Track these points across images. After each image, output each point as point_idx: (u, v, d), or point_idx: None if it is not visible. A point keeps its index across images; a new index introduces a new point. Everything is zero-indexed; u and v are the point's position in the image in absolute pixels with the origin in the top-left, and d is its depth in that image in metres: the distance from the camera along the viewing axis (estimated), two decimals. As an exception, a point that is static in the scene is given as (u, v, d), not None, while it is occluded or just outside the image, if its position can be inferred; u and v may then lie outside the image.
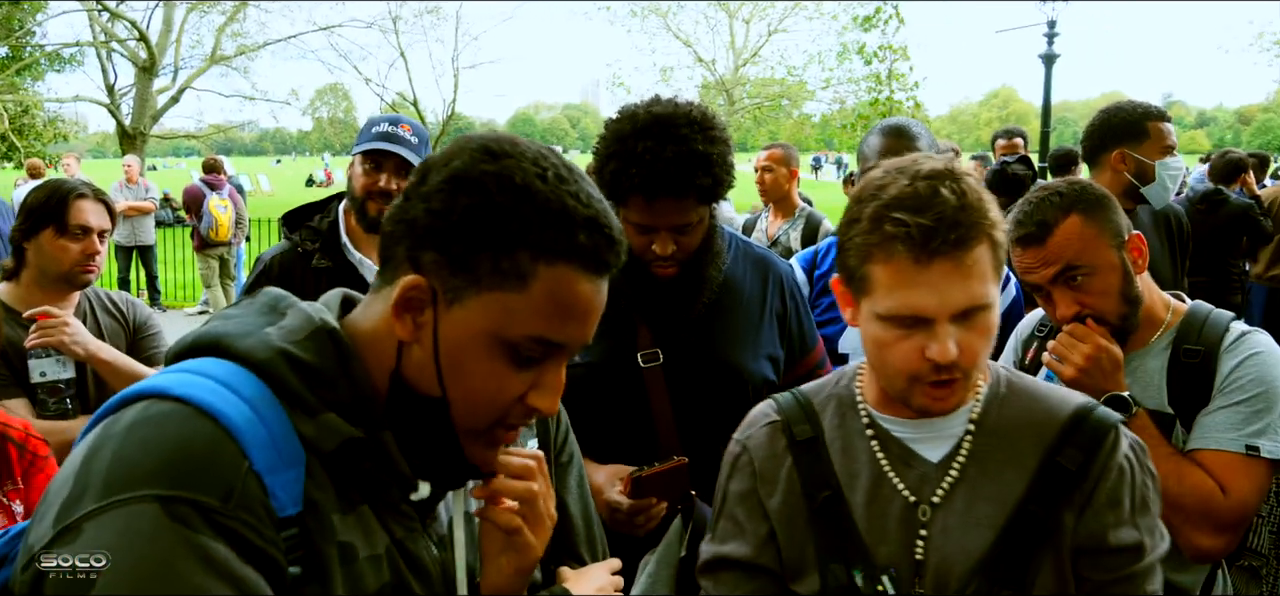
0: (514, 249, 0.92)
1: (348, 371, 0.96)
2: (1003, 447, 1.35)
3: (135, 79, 23.16)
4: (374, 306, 1.00)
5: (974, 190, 1.24)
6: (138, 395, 0.90)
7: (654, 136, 1.80)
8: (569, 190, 0.94)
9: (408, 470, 0.99)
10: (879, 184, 1.27)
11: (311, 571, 0.91)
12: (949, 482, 1.35)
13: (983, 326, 1.26)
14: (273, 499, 0.87)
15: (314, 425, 0.93)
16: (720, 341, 2.02)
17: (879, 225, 1.23)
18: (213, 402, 0.88)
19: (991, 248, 1.25)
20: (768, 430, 1.49)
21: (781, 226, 5.25)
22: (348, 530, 0.95)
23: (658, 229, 1.87)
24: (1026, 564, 1.29)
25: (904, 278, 1.23)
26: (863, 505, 1.38)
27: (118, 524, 0.80)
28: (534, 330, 0.94)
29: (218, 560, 0.82)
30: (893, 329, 1.27)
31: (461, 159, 0.94)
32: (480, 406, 0.97)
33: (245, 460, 0.86)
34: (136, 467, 0.83)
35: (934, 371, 1.26)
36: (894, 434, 1.40)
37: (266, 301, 1.02)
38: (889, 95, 20.60)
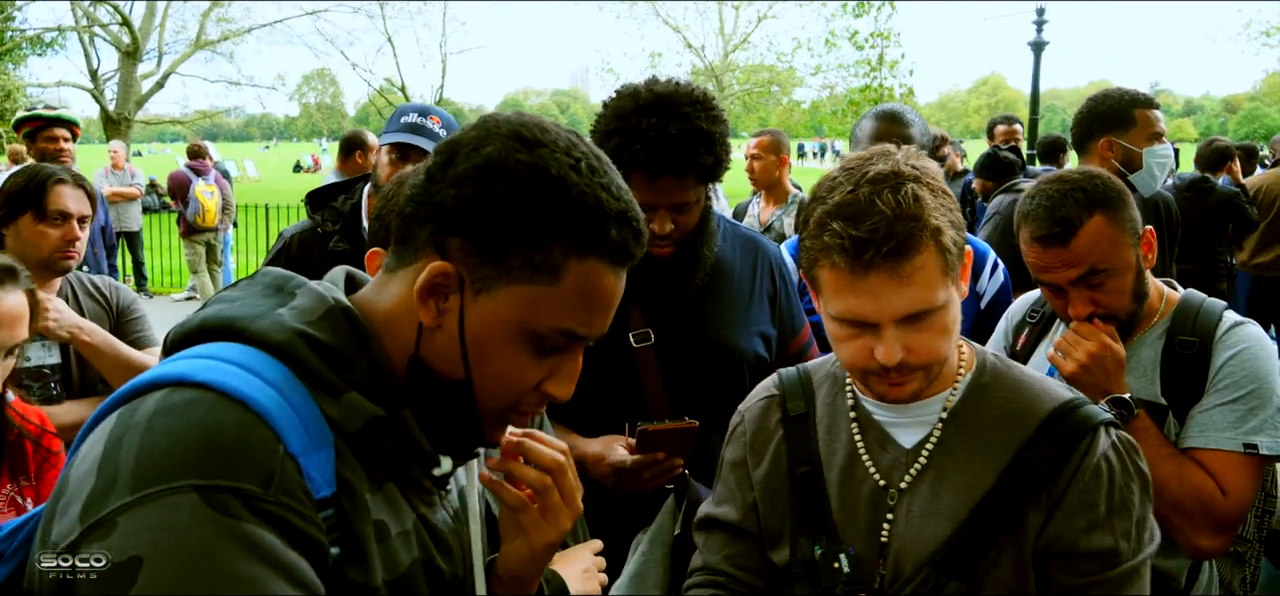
0: (548, 242, 0.91)
1: (366, 351, 0.95)
2: (976, 438, 1.35)
3: (119, 64, 22.93)
4: (390, 287, 0.98)
5: (914, 195, 1.21)
6: (155, 383, 0.87)
7: (658, 114, 1.80)
8: (602, 183, 0.94)
9: (429, 447, 0.99)
10: (828, 186, 1.28)
11: (349, 551, 0.90)
12: (917, 469, 1.36)
13: (936, 326, 1.26)
14: (309, 481, 0.86)
15: (338, 406, 0.92)
16: (712, 320, 2.03)
17: (821, 232, 1.24)
18: (239, 387, 0.86)
19: (938, 251, 1.23)
20: (764, 403, 1.55)
21: (774, 213, 5.25)
22: (379, 508, 0.95)
23: (657, 207, 1.87)
24: (981, 558, 1.29)
25: (844, 285, 1.24)
26: (837, 484, 1.41)
27: (153, 517, 0.77)
28: (561, 322, 0.94)
29: (265, 547, 0.80)
30: (843, 328, 1.29)
31: (494, 145, 0.92)
32: (498, 392, 0.97)
33: (280, 444, 0.85)
34: (168, 457, 0.80)
35: (883, 369, 1.27)
36: (875, 416, 1.42)
37: (271, 281, 1.00)
38: (880, 81, 20.59)
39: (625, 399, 1.98)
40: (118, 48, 22.76)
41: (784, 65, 26.72)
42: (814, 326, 2.44)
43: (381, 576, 0.93)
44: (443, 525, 1.05)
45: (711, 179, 1.90)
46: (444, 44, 28.64)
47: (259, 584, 0.79)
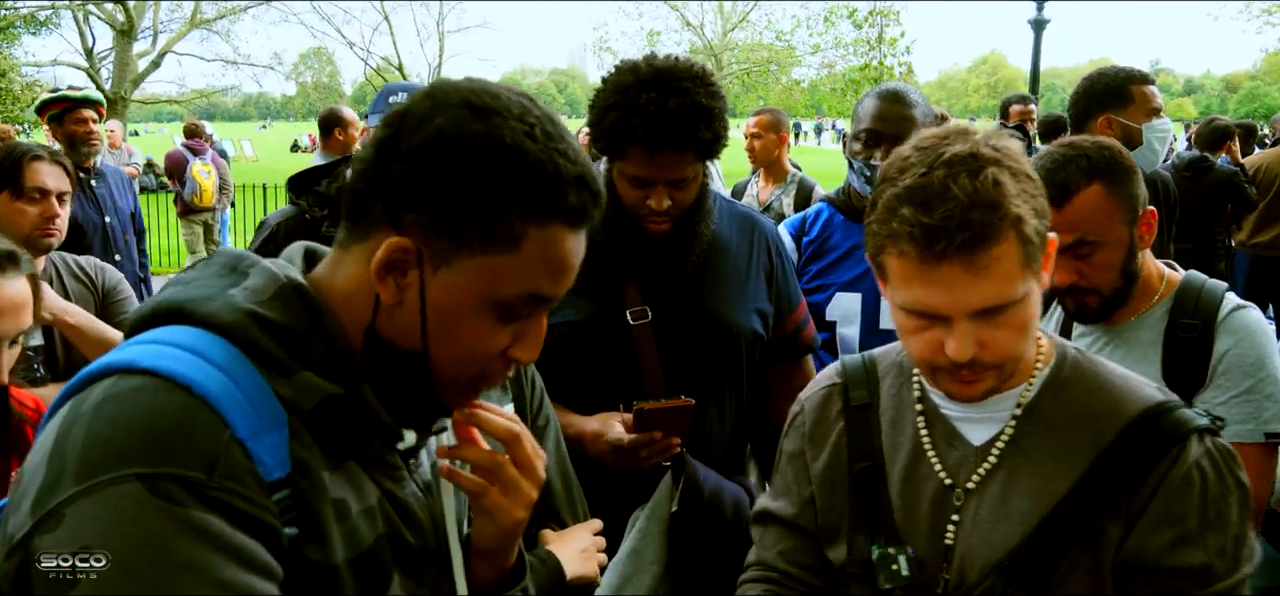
0: (506, 212, 0.90)
1: (320, 328, 0.94)
2: (1052, 438, 1.26)
3: (114, 43, 22.79)
4: (346, 264, 0.97)
5: (994, 180, 1.12)
6: (103, 371, 0.87)
7: (657, 88, 1.80)
8: (557, 148, 0.93)
9: (391, 420, 0.98)
10: (899, 166, 1.18)
11: (308, 531, 0.90)
12: (986, 469, 1.28)
13: (1014, 321, 1.17)
14: (259, 464, 0.85)
15: (291, 385, 0.91)
16: (708, 296, 2.03)
17: (890, 218, 1.16)
18: (183, 372, 0.85)
19: (1018, 241, 1.13)
20: (825, 392, 1.48)
21: (773, 192, 5.24)
22: (338, 486, 0.94)
23: (655, 182, 1.87)
24: (1052, 570, 1.20)
25: (913, 275, 1.15)
26: (899, 481, 1.34)
27: (99, 508, 0.78)
28: (526, 288, 0.94)
29: (212, 532, 0.80)
30: (912, 319, 1.21)
31: (445, 116, 0.90)
32: (464, 362, 0.96)
33: (226, 428, 0.84)
34: (112, 446, 0.80)
35: (954, 366, 1.19)
36: (942, 410, 1.34)
37: (225, 262, 0.99)
38: (880, 60, 20.51)
39: (622, 377, 1.98)
40: (112, 26, 22.61)
41: (783, 44, 26.60)
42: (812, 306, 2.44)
43: (342, 554, 0.93)
44: (412, 499, 1.04)
45: (710, 155, 1.89)
46: (441, 23, 28.48)
47: (209, 568, 0.79)
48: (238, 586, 0.81)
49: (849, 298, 2.41)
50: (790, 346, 2.20)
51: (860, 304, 2.40)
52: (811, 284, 2.47)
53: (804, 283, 2.47)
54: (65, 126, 4.61)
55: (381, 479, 1.01)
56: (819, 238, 2.51)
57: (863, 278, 2.42)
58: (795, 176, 5.27)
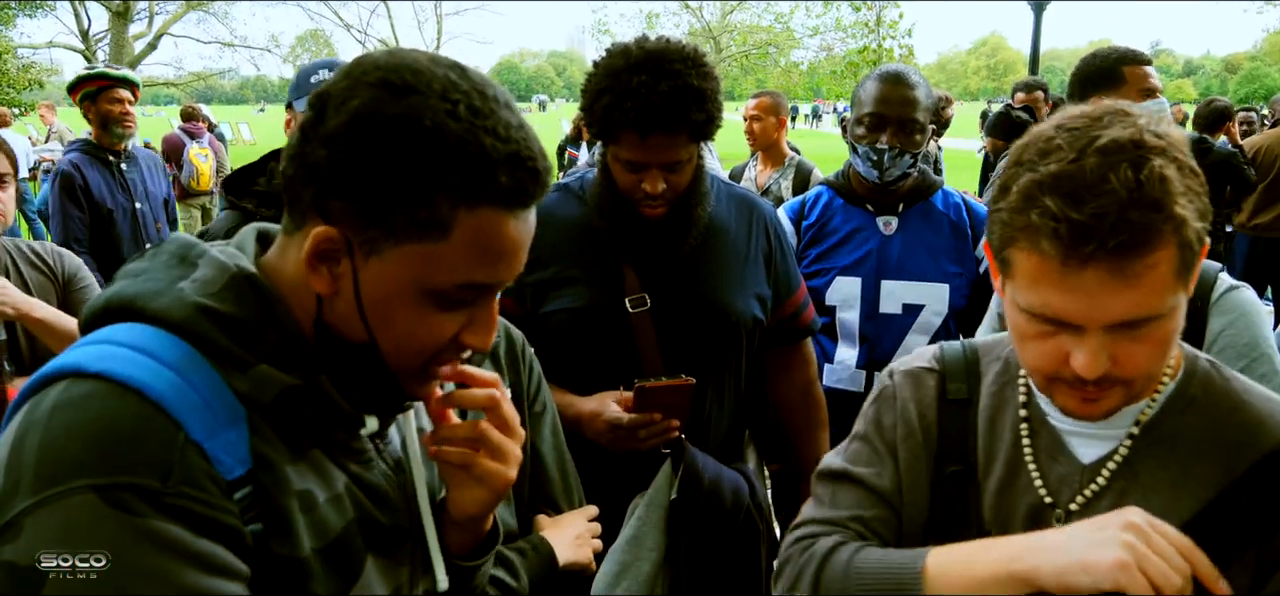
0: (431, 197, 0.85)
1: (273, 318, 0.91)
2: (1173, 462, 1.11)
3: (109, 24, 22.68)
4: (288, 253, 0.95)
5: (1161, 175, 0.95)
6: (56, 374, 0.85)
7: (648, 71, 1.79)
8: (485, 125, 0.87)
9: (350, 408, 0.97)
10: (1042, 147, 1.01)
11: (273, 526, 0.89)
12: (1093, 491, 1.13)
13: (1155, 336, 1.01)
14: (217, 464, 0.84)
15: (247, 379, 0.89)
16: (707, 282, 2.02)
17: (1028, 207, 0.99)
18: (133, 375, 0.83)
19: (1177, 249, 0.96)
20: (919, 375, 1.31)
21: (772, 176, 5.23)
22: (303, 477, 0.92)
23: (649, 166, 1.86)
24: None
25: (1048, 277, 0.99)
26: (993, 492, 1.20)
27: (56, 519, 0.76)
28: (460, 277, 0.89)
29: (171, 539, 0.79)
30: (1035, 324, 1.05)
31: (361, 96, 0.85)
32: (411, 351, 0.93)
33: (180, 431, 0.82)
34: (65, 456, 0.78)
35: (1078, 381, 1.04)
36: (1050, 419, 1.19)
37: (175, 251, 0.96)
38: (879, 42, 20.43)
39: (622, 364, 1.98)
40: (107, 7, 22.50)
41: (781, 27, 26.50)
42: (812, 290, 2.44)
43: (311, 545, 0.91)
44: (381, 480, 1.03)
45: (703, 137, 1.88)
46: (439, 4, 28.32)
47: (171, 575, 0.78)
48: (201, 591, 0.80)
49: (848, 282, 2.41)
50: (789, 330, 2.20)
51: (860, 288, 2.40)
52: (811, 268, 2.47)
53: (803, 267, 2.46)
54: (99, 106, 4.30)
55: (348, 464, 0.99)
56: (818, 221, 2.51)
57: (863, 262, 2.41)
58: (794, 159, 5.25)
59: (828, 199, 2.53)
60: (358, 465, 1.01)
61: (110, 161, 4.35)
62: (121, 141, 4.38)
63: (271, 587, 0.89)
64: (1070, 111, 1.05)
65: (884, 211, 2.44)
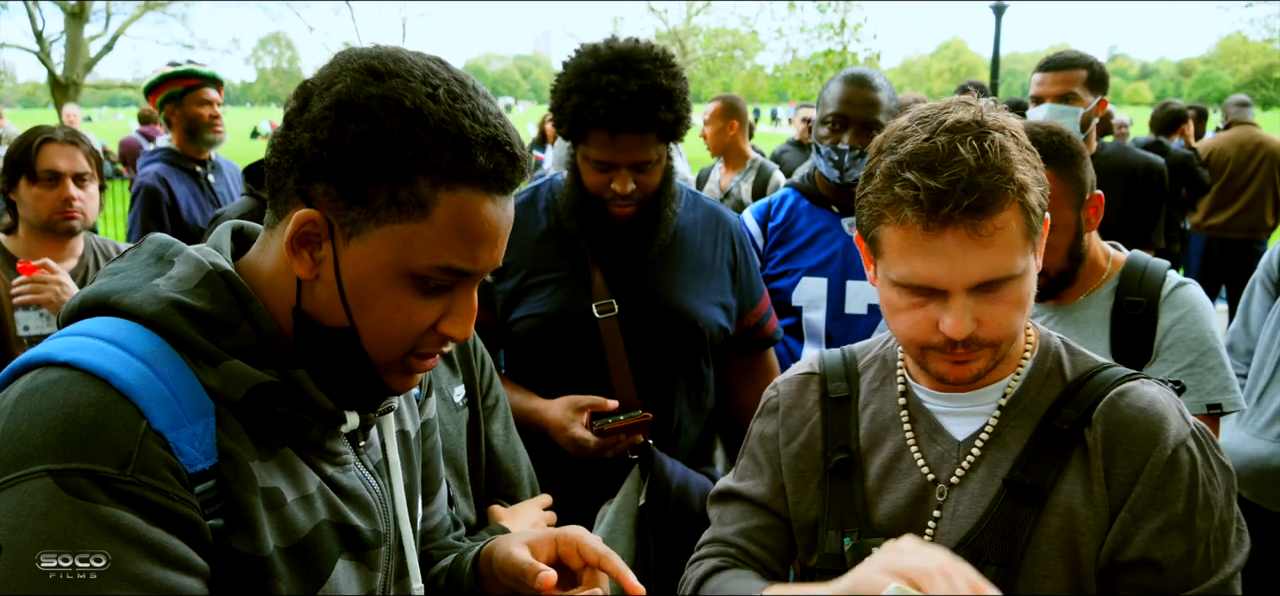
0: (411, 177, 0.87)
1: (248, 313, 0.92)
2: (1029, 426, 1.23)
3: (65, 25, 22.22)
4: (270, 244, 0.96)
5: (1001, 146, 1.09)
6: (26, 365, 0.87)
7: (617, 70, 1.81)
8: (464, 108, 0.89)
9: (330, 404, 0.96)
10: (898, 135, 1.14)
11: (235, 521, 0.89)
12: (968, 463, 1.24)
13: (1012, 297, 1.14)
14: (180, 456, 0.84)
15: (218, 375, 0.89)
16: (674, 289, 2.03)
17: (890, 184, 1.11)
18: (100, 364, 0.84)
19: (1022, 212, 1.11)
20: (802, 380, 1.43)
21: (733, 179, 5.25)
22: (270, 475, 0.92)
23: (618, 166, 1.87)
24: (1017, 538, 1.17)
25: (913, 245, 1.11)
26: (878, 476, 1.30)
27: (11, 502, 0.77)
28: (440, 259, 0.90)
29: (123, 527, 0.79)
30: (905, 296, 1.16)
31: (344, 82, 0.88)
32: (391, 337, 0.94)
33: (143, 420, 0.83)
34: (26, 442, 0.79)
35: (948, 344, 1.15)
36: (926, 405, 1.30)
37: (153, 250, 0.97)
38: (844, 45, 20.61)
39: (590, 369, 1.98)
40: (62, 8, 22.04)
41: (747, 29, 26.65)
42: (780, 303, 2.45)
43: (275, 543, 0.92)
44: (358, 482, 1.03)
45: (672, 137, 1.90)
46: (403, 6, 28.13)
47: (122, 563, 0.78)
48: (152, 581, 0.80)
49: (815, 282, 2.42)
50: (753, 341, 2.22)
51: (826, 288, 2.41)
52: (777, 269, 2.48)
53: (769, 268, 2.48)
54: (185, 108, 3.72)
55: (322, 465, 0.99)
56: (784, 223, 2.52)
57: (829, 262, 2.43)
58: (755, 161, 5.27)
59: (794, 200, 2.55)
60: (333, 466, 1.00)
61: (197, 172, 3.78)
62: (210, 148, 3.82)
63: (233, 585, 0.89)
64: (920, 106, 1.19)
65: (849, 212, 2.46)
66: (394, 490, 1.09)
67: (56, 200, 2.44)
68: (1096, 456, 1.17)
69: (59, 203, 2.44)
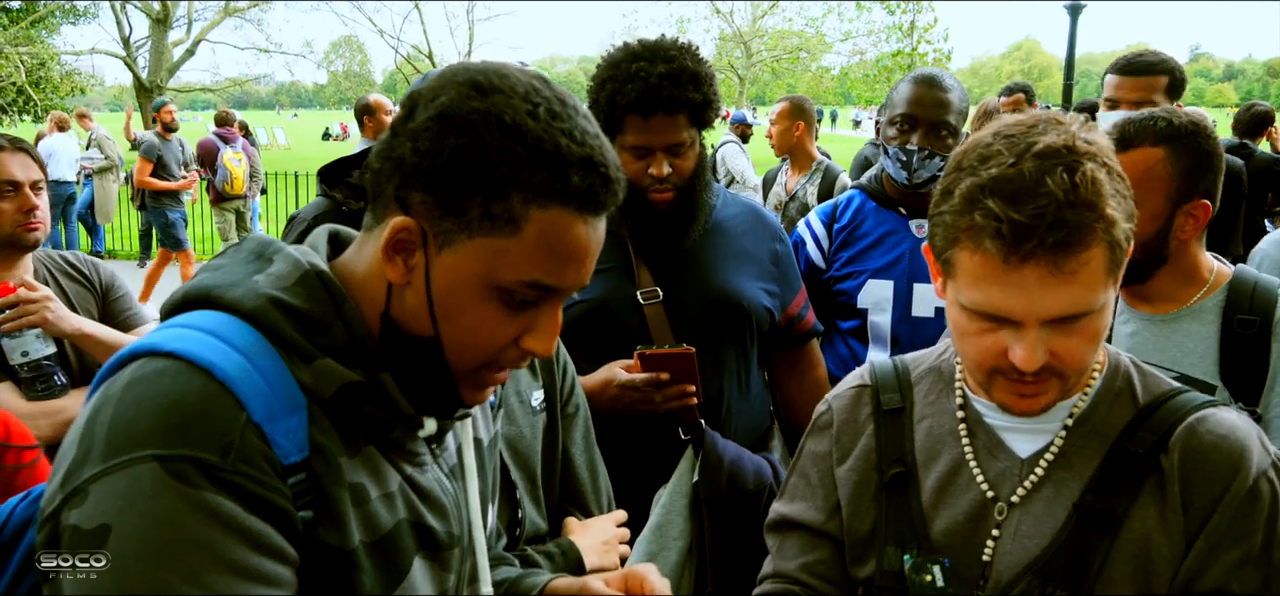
0: (505, 192, 0.89)
1: (341, 314, 0.94)
2: (1101, 452, 1.19)
3: (150, 31, 23.12)
4: (366, 247, 0.98)
5: (1092, 178, 1.03)
6: (134, 354, 0.90)
7: (645, 58, 1.92)
8: (562, 127, 0.90)
9: (411, 409, 0.99)
10: (981, 154, 1.08)
11: (324, 514, 0.91)
12: (1031, 482, 1.20)
13: (1088, 331, 1.09)
14: (275, 447, 0.87)
15: (310, 372, 0.92)
16: (717, 272, 2.08)
17: (970, 209, 1.06)
18: (204, 355, 0.87)
19: (1108, 247, 1.05)
20: (854, 393, 1.40)
21: (799, 181, 5.21)
22: (356, 471, 0.95)
23: (653, 150, 1.95)
24: (1088, 564, 1.14)
25: (990, 275, 1.06)
26: (934, 490, 1.26)
27: (119, 486, 0.80)
28: (527, 275, 0.92)
29: (224, 514, 0.82)
30: (976, 321, 1.12)
31: (449, 95, 0.90)
32: (473, 348, 0.96)
33: (243, 411, 0.86)
34: (134, 427, 0.82)
35: (1017, 373, 1.11)
36: (986, 419, 1.26)
37: (253, 248, 1.00)
38: (913, 46, 20.30)
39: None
40: (148, 15, 22.93)
41: (813, 31, 26.41)
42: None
43: (359, 538, 0.94)
44: (435, 485, 1.05)
45: (702, 121, 1.98)
46: (471, 10, 28.57)
47: (220, 548, 0.81)
48: (247, 567, 0.83)
49: (881, 285, 2.39)
50: (795, 332, 2.24)
51: (892, 291, 2.38)
52: (842, 270, 2.45)
53: (835, 270, 2.46)
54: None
55: (402, 464, 1.01)
56: (850, 224, 2.49)
57: (895, 264, 2.39)
58: (821, 164, 5.23)
59: (860, 202, 2.52)
60: (412, 467, 1.03)
61: None
62: None
63: (319, 576, 0.91)
64: (1006, 119, 1.12)
65: (917, 215, 2.42)
66: (469, 494, 1.11)
67: (17, 211, 2.23)
68: (1173, 483, 1.13)
69: (21, 214, 2.24)
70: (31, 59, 22.55)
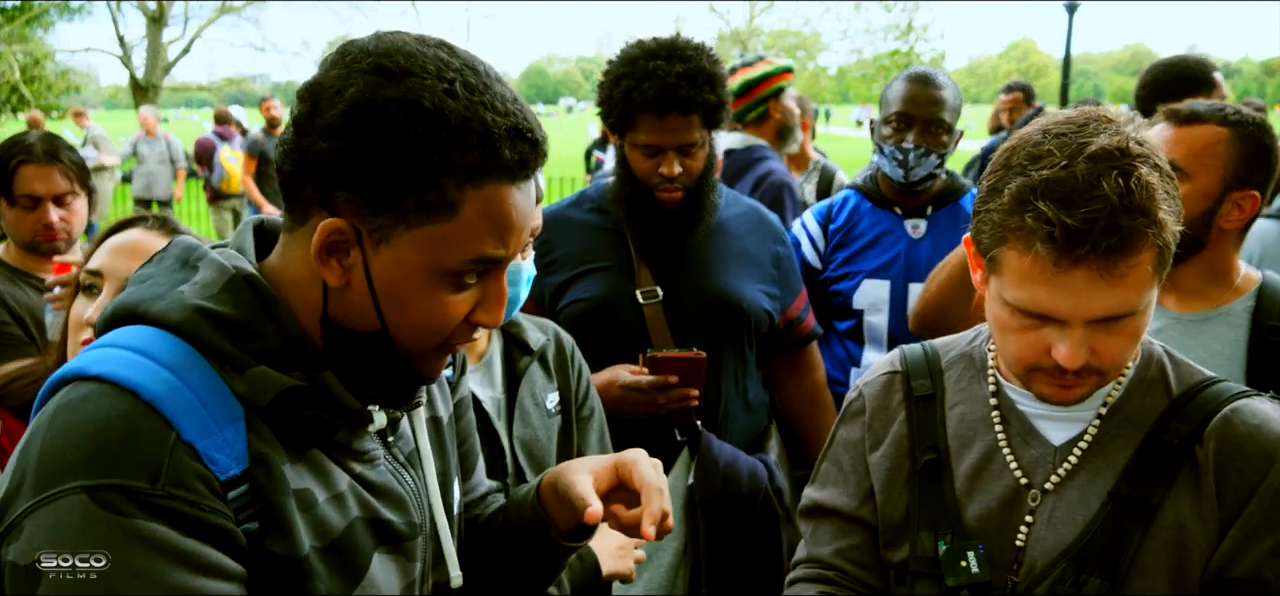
0: (438, 179, 0.86)
1: (273, 317, 0.91)
2: (1135, 440, 1.19)
3: (146, 29, 23.06)
4: (291, 250, 0.95)
5: (1146, 183, 1.02)
6: (62, 379, 0.87)
7: (663, 56, 1.91)
8: (483, 101, 0.87)
9: (357, 405, 0.96)
10: (1031, 152, 1.07)
11: (270, 524, 0.89)
12: (1066, 470, 1.21)
13: (1130, 329, 1.10)
14: (211, 464, 0.85)
15: (244, 380, 0.89)
16: (717, 273, 2.07)
17: (1021, 210, 1.05)
18: (128, 376, 0.84)
19: (1157, 251, 1.04)
20: (886, 380, 1.40)
21: (796, 180, 5.20)
22: (301, 477, 0.93)
23: (665, 149, 1.94)
24: (1122, 551, 1.14)
25: (1040, 276, 1.06)
26: (967, 476, 1.27)
27: (49, 519, 0.78)
28: (471, 253, 0.90)
29: (158, 540, 0.80)
30: (1019, 317, 1.12)
31: (357, 85, 0.85)
32: (425, 333, 0.94)
33: (171, 431, 0.83)
34: (60, 458, 0.80)
35: (1058, 370, 1.12)
36: (1019, 406, 1.27)
37: (178, 255, 0.97)
38: (910, 46, 20.32)
39: (634, 355, 2.01)
40: (144, 13, 22.87)
41: (810, 30, 26.44)
42: (837, 294, 2.41)
43: (310, 544, 0.92)
44: (389, 477, 1.03)
45: (714, 122, 1.97)
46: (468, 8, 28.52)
47: (158, 575, 0.79)
48: (188, 590, 0.81)
49: (877, 285, 2.38)
50: (794, 335, 2.23)
51: (888, 291, 2.37)
52: (838, 271, 2.45)
53: (831, 270, 2.45)
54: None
55: (350, 464, 0.99)
56: (846, 224, 2.49)
57: (891, 264, 2.39)
58: (818, 163, 5.22)
59: (855, 202, 2.51)
60: (361, 464, 1.01)
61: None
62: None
63: (272, 587, 0.89)
64: (1055, 116, 1.11)
65: (912, 214, 2.41)
66: (428, 480, 1.09)
67: (36, 224, 2.27)
68: (1208, 473, 1.14)
69: (39, 227, 2.27)
70: (26, 57, 22.48)
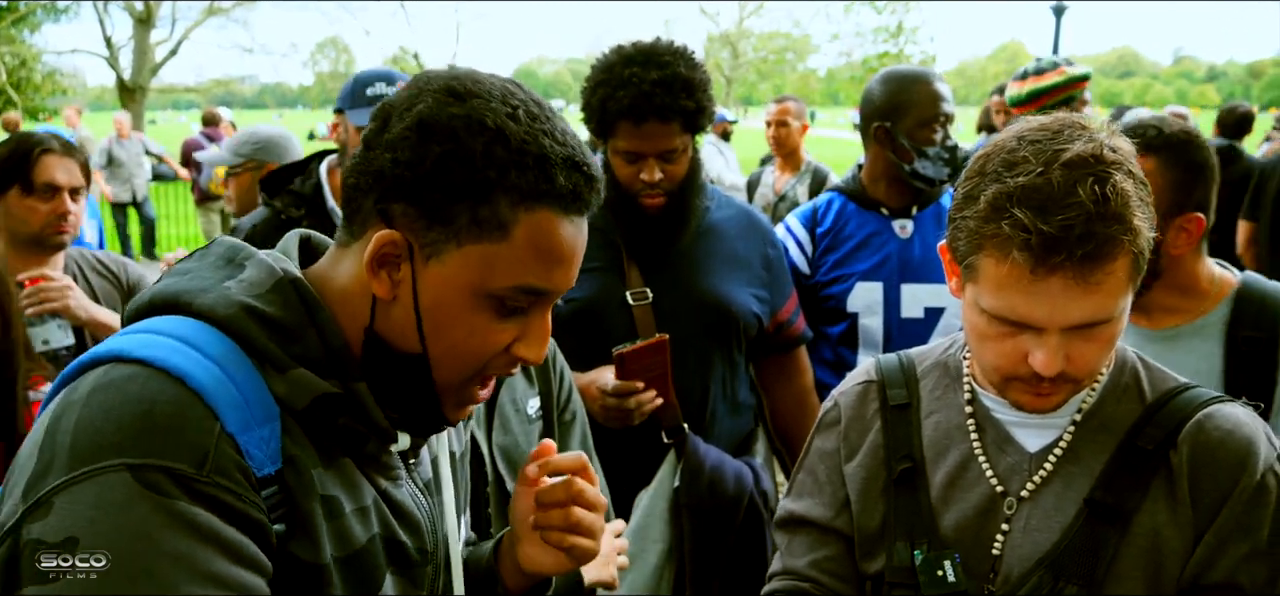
0: (492, 196, 0.88)
1: (316, 323, 0.92)
2: (1110, 445, 1.20)
3: (133, 31, 22.95)
4: (344, 262, 0.96)
5: (1122, 189, 1.03)
6: (95, 360, 0.86)
7: (639, 63, 1.91)
8: (543, 128, 0.90)
9: (386, 422, 0.97)
10: (1006, 159, 1.07)
11: (296, 527, 0.89)
12: (1041, 477, 1.21)
13: (1104, 337, 1.10)
14: (249, 459, 0.84)
15: (285, 382, 0.89)
16: (706, 276, 2.08)
17: (997, 217, 1.05)
18: (176, 363, 0.84)
19: (1132, 258, 1.05)
20: (861, 389, 1.40)
21: (789, 181, 5.20)
22: (331, 484, 0.93)
23: (645, 156, 1.95)
24: (1098, 559, 1.14)
25: (1015, 284, 1.06)
26: (943, 485, 1.27)
27: (88, 496, 0.76)
28: (519, 279, 0.91)
29: (201, 525, 0.79)
30: (995, 325, 1.12)
31: (425, 103, 0.89)
32: (464, 360, 0.94)
33: (216, 422, 0.83)
34: (101, 435, 0.78)
35: (1034, 377, 1.12)
36: (994, 414, 1.27)
37: (222, 252, 0.97)
38: (900, 48, 20.40)
39: None
40: (131, 14, 22.76)
41: (800, 32, 26.50)
42: (829, 297, 2.41)
43: (332, 552, 0.92)
44: (408, 500, 1.03)
45: (695, 127, 1.97)
46: (458, 9, 28.52)
47: (199, 561, 0.78)
48: (227, 579, 0.80)
49: (870, 287, 2.37)
50: (784, 338, 2.23)
51: (881, 293, 2.36)
52: (829, 275, 2.43)
53: (821, 274, 2.44)
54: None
55: (377, 478, 0.99)
56: (833, 227, 2.47)
57: (882, 266, 2.38)
58: (810, 165, 5.23)
59: (840, 204, 2.50)
60: (387, 480, 1.01)
61: None
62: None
63: (291, 590, 0.88)
64: (1030, 122, 1.11)
65: (899, 215, 2.41)
66: (445, 509, 1.09)
67: (51, 214, 2.30)
68: (1182, 479, 1.14)
69: (54, 217, 2.30)
70: (13, 59, 22.34)
